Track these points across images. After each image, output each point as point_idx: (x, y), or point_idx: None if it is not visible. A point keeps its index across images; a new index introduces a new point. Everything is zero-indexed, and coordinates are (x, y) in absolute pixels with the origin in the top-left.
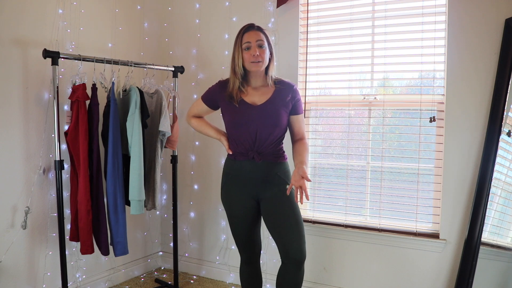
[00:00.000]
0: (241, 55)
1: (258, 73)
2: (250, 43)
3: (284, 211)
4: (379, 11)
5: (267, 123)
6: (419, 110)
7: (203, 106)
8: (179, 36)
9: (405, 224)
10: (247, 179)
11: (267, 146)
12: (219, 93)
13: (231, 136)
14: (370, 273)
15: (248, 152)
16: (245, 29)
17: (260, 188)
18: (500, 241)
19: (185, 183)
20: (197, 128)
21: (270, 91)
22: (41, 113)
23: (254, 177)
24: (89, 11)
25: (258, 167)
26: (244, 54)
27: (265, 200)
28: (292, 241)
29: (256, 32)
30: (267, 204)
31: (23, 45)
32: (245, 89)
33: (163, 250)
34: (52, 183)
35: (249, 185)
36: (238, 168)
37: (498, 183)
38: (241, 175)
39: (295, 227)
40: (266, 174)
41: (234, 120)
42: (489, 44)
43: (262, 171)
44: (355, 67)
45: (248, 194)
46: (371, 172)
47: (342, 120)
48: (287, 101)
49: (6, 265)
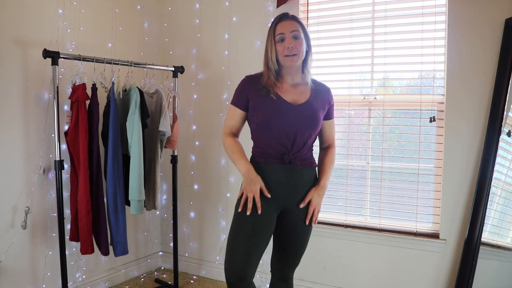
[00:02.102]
0: (274, 48)
1: (294, 69)
2: (284, 34)
3: (301, 233)
4: (379, 11)
5: (307, 126)
6: (419, 110)
7: (236, 112)
8: (179, 36)
9: (405, 224)
10: (277, 187)
11: (303, 150)
12: (250, 87)
13: (260, 137)
14: (370, 273)
15: (283, 156)
16: (279, 19)
17: (289, 196)
18: (500, 241)
19: (185, 183)
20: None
21: (308, 90)
22: (41, 113)
23: (286, 184)
24: (89, 11)
25: (294, 172)
26: (278, 46)
27: (289, 212)
28: (292, 264)
29: (291, 22)
30: (289, 216)
31: (23, 45)
32: (280, 85)
33: (163, 250)
34: (52, 183)
35: (278, 193)
36: (269, 173)
37: (498, 183)
38: (271, 182)
39: (301, 253)
40: (300, 181)
41: (270, 119)
42: (489, 44)
43: (298, 177)
44: (355, 67)
45: (274, 204)
46: (371, 172)
47: (342, 120)
48: (324, 104)
49: (6, 265)
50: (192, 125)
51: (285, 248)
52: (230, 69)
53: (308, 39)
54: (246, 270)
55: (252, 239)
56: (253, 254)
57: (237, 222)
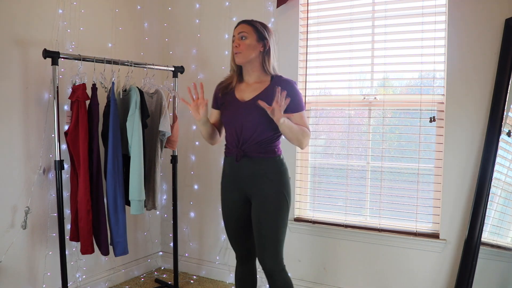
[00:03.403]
0: (232, 49)
1: (251, 68)
2: (234, 37)
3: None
4: (379, 11)
5: (250, 120)
6: (419, 110)
7: (212, 111)
8: (179, 36)
9: (405, 224)
10: (234, 176)
11: (251, 145)
12: (219, 90)
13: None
14: (370, 273)
15: (233, 149)
16: (236, 24)
17: (248, 187)
18: (500, 241)
19: (185, 183)
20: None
21: (262, 87)
22: (41, 113)
23: (240, 175)
24: (89, 11)
25: (243, 165)
26: (232, 47)
27: (253, 201)
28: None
29: (242, 25)
30: (254, 205)
31: (23, 45)
32: (239, 85)
33: (163, 250)
34: (52, 183)
35: (237, 182)
36: (227, 165)
37: (498, 183)
38: (230, 172)
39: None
40: (252, 171)
41: (224, 117)
42: (489, 44)
43: (248, 168)
44: (355, 67)
45: (236, 190)
46: (371, 172)
47: (342, 120)
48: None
49: (6, 265)
50: (192, 125)
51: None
52: None
53: (264, 40)
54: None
55: (227, 225)
56: (233, 236)
57: None
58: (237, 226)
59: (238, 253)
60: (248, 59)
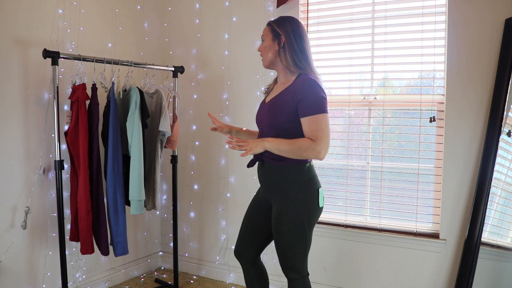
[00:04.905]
0: None
1: (277, 69)
2: None
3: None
4: (379, 11)
5: (267, 121)
6: (419, 110)
7: None
8: (179, 36)
9: (405, 224)
10: (260, 181)
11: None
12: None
13: None
14: (370, 273)
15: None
16: None
17: (267, 194)
18: (500, 241)
19: (185, 183)
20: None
21: (283, 88)
22: (41, 113)
23: (261, 180)
24: (89, 11)
25: (263, 170)
26: None
27: (272, 209)
28: (281, 260)
29: (264, 28)
30: (272, 214)
31: (23, 45)
32: (275, 87)
33: (163, 250)
34: (52, 183)
35: (262, 187)
36: (257, 168)
37: (498, 183)
38: (258, 175)
39: (287, 251)
40: (268, 179)
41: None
42: (489, 44)
43: (265, 174)
44: (355, 67)
45: (263, 195)
46: (371, 172)
47: (342, 120)
48: (289, 100)
49: (6, 265)
50: (192, 125)
51: (275, 244)
52: (230, 69)
53: (279, 37)
54: (239, 246)
55: (244, 221)
56: (243, 232)
57: None
58: (248, 221)
59: (235, 248)
60: (268, 61)
